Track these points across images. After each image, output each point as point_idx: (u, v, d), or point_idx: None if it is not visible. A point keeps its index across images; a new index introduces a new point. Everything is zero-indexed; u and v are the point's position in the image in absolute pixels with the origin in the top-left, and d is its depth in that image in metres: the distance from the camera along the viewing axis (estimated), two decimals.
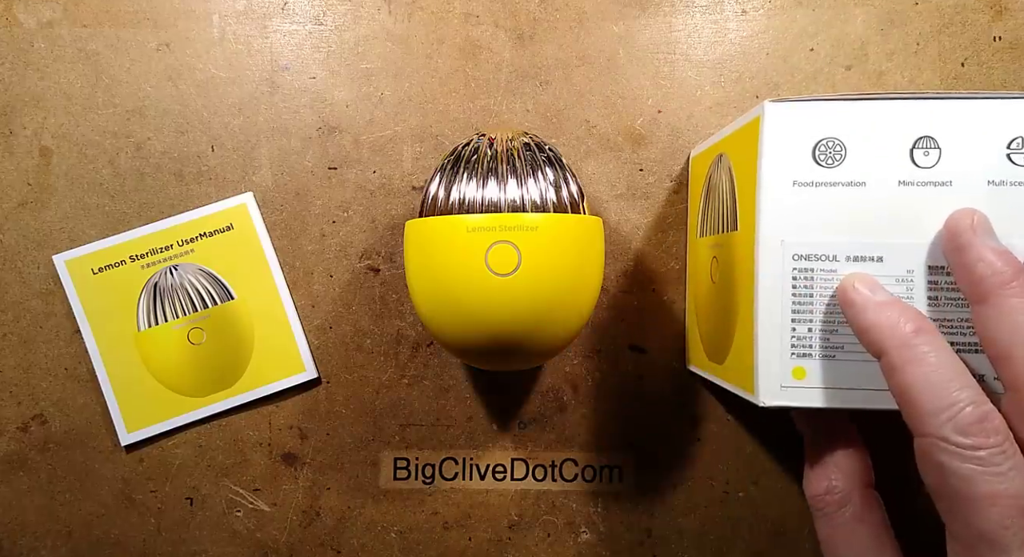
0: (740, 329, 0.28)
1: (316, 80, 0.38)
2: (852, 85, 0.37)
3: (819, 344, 0.26)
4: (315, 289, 0.38)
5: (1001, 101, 0.25)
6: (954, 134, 0.26)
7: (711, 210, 0.33)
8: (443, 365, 0.38)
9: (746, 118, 0.28)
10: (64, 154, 0.38)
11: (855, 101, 0.26)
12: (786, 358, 0.26)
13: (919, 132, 0.26)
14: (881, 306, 0.24)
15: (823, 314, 0.26)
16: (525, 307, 0.29)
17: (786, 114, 0.26)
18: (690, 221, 0.37)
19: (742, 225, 0.28)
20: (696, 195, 0.35)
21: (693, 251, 0.36)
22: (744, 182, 0.28)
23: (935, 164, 0.26)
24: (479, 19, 0.38)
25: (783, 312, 0.26)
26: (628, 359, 0.38)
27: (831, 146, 0.26)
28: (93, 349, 0.37)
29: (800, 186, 0.26)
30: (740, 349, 0.28)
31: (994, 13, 0.37)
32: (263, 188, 0.38)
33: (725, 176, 0.30)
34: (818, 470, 0.29)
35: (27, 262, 0.37)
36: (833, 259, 0.26)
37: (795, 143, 0.26)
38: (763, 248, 0.26)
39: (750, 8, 0.37)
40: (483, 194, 0.30)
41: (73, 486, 0.38)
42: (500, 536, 0.37)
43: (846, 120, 0.26)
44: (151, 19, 0.38)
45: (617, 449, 0.38)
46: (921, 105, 0.26)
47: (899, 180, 0.26)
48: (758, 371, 0.26)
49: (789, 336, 0.26)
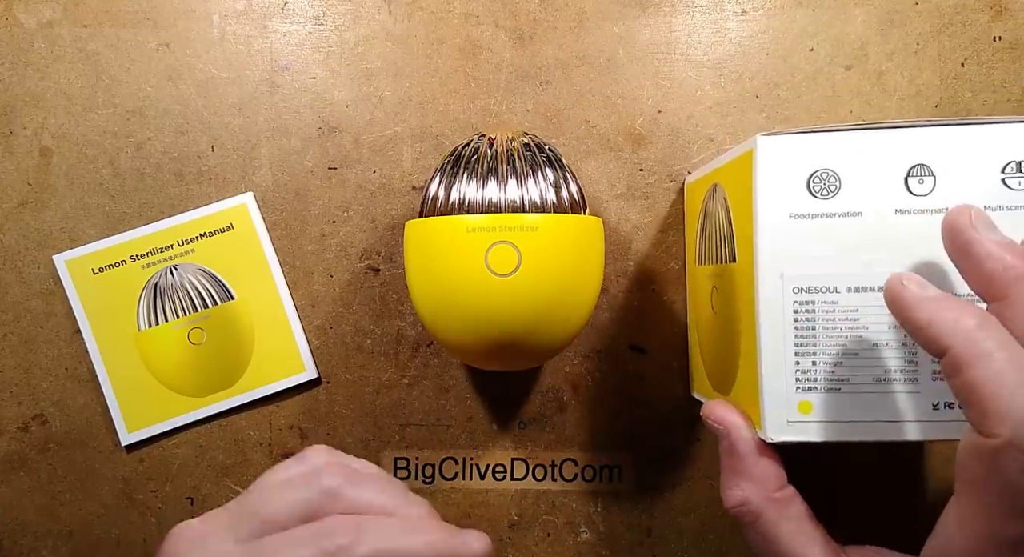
0: (744, 361, 0.28)
1: (316, 80, 0.38)
2: (852, 85, 0.37)
3: (824, 377, 0.26)
4: (315, 289, 0.38)
5: (993, 126, 0.25)
6: (948, 161, 0.25)
7: (708, 240, 0.32)
8: (443, 365, 0.38)
9: (739, 150, 0.28)
10: (64, 154, 0.38)
11: (847, 132, 0.26)
12: (792, 392, 0.26)
13: (913, 160, 0.26)
14: (937, 301, 0.23)
15: (827, 346, 0.26)
16: (525, 307, 0.29)
17: (779, 147, 0.26)
18: (688, 249, 0.37)
19: (740, 257, 0.28)
20: (693, 223, 0.35)
21: (692, 278, 0.36)
22: (740, 214, 0.28)
23: (931, 192, 0.25)
24: (479, 19, 0.38)
25: (786, 346, 0.26)
26: (628, 359, 0.38)
27: (825, 177, 0.26)
28: (93, 349, 0.37)
29: (796, 218, 0.26)
30: (745, 382, 0.28)
31: (994, 13, 0.37)
32: (263, 188, 0.38)
33: (721, 207, 0.30)
34: (730, 480, 0.27)
35: (27, 262, 0.38)
36: (834, 290, 0.26)
37: (789, 176, 0.26)
38: (763, 282, 0.26)
39: (750, 8, 0.37)
40: (483, 194, 0.30)
41: (73, 486, 0.38)
42: (500, 536, 0.38)
43: (839, 151, 0.26)
44: (151, 19, 0.38)
45: (617, 449, 0.38)
46: (913, 133, 0.26)
47: (895, 209, 0.26)
48: (764, 406, 0.26)
49: (793, 370, 0.26)
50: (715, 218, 0.31)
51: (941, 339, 0.22)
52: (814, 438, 0.26)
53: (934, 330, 0.22)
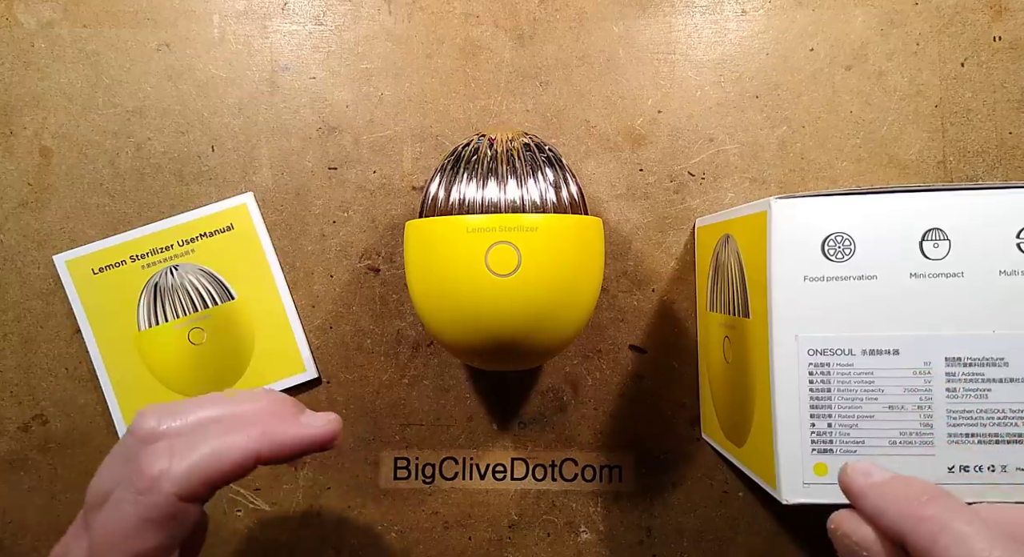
0: (758, 418, 0.28)
1: (316, 80, 0.38)
2: (852, 85, 0.37)
3: (839, 439, 0.26)
4: (315, 289, 0.38)
5: (1008, 192, 0.25)
6: (963, 226, 0.25)
7: (720, 289, 0.33)
8: (443, 365, 0.38)
9: (752, 208, 0.28)
10: (64, 154, 0.38)
11: (861, 196, 0.26)
12: (807, 454, 0.26)
13: (927, 224, 0.26)
14: (882, 486, 0.22)
15: (842, 409, 0.26)
16: (525, 307, 0.29)
17: (793, 210, 0.26)
18: (699, 291, 0.37)
19: (754, 314, 0.28)
20: (704, 269, 0.35)
21: (703, 322, 0.36)
22: (753, 271, 0.28)
23: (945, 256, 0.26)
24: (479, 19, 0.38)
25: (801, 408, 0.26)
26: (628, 359, 0.38)
27: (840, 241, 0.26)
28: (93, 349, 0.37)
29: (811, 281, 0.26)
30: (759, 438, 0.28)
31: (994, 13, 0.37)
32: (263, 188, 0.38)
33: (733, 259, 0.30)
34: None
35: (27, 262, 0.37)
36: (849, 353, 0.26)
37: (804, 239, 0.26)
38: (778, 344, 0.26)
39: (750, 8, 0.37)
40: (483, 194, 0.30)
41: (73, 486, 0.38)
42: (500, 536, 0.38)
43: (853, 215, 0.26)
44: (151, 19, 0.38)
45: (617, 449, 0.38)
46: (928, 198, 0.26)
47: (910, 273, 0.26)
48: (779, 469, 0.26)
49: (809, 432, 0.26)
50: (727, 269, 0.31)
51: (893, 529, 0.21)
52: (830, 500, 0.25)
53: (886, 520, 0.21)
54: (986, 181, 0.37)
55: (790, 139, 0.37)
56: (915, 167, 0.37)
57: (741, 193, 0.37)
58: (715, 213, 0.34)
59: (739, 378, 0.30)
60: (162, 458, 0.21)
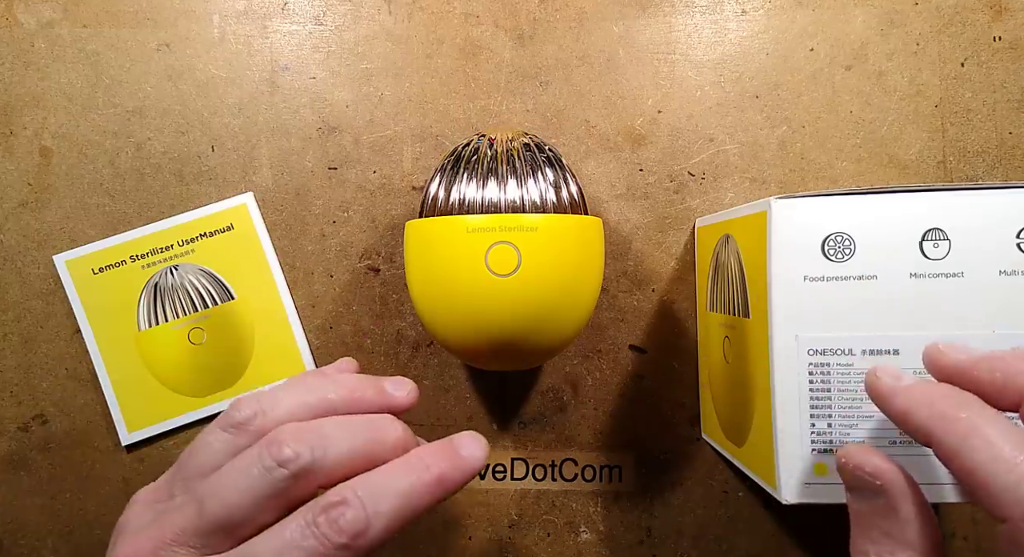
0: (758, 418, 0.28)
1: (316, 80, 0.38)
2: (852, 85, 0.37)
3: (840, 439, 0.26)
4: (315, 289, 0.38)
5: (1008, 192, 0.25)
6: (963, 226, 0.25)
7: (720, 289, 0.33)
8: (443, 365, 0.38)
9: (752, 208, 0.28)
10: (64, 154, 0.38)
11: (861, 196, 0.26)
12: (807, 455, 0.26)
13: (927, 224, 0.26)
14: (912, 389, 0.22)
15: (842, 408, 0.26)
16: (525, 307, 0.29)
17: (793, 211, 0.26)
18: (699, 291, 0.37)
19: (754, 314, 0.28)
20: (704, 268, 0.35)
21: (703, 322, 0.36)
22: (753, 271, 0.28)
23: (945, 256, 0.26)
24: (479, 19, 0.38)
25: (801, 408, 0.26)
26: (628, 359, 0.38)
27: (840, 241, 0.26)
28: (93, 349, 0.37)
29: (811, 281, 0.26)
30: (758, 438, 0.28)
31: (994, 13, 0.37)
32: (263, 188, 0.38)
33: (733, 259, 0.30)
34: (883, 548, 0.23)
35: (27, 262, 0.37)
36: (849, 353, 0.26)
37: (804, 239, 0.26)
38: (778, 344, 0.26)
39: (750, 8, 0.37)
40: (483, 194, 0.30)
41: (74, 486, 0.38)
42: (500, 536, 0.38)
43: (853, 215, 0.26)
44: (151, 19, 0.38)
45: (617, 449, 0.38)
46: (928, 198, 0.26)
47: (910, 273, 0.26)
48: (779, 469, 0.26)
49: (809, 432, 0.26)
50: (727, 269, 0.31)
51: (922, 426, 0.21)
52: (831, 500, 0.26)
53: (913, 420, 0.22)
54: (986, 181, 0.37)
55: (790, 139, 0.37)
56: (915, 167, 0.37)
57: (741, 193, 0.37)
58: (715, 213, 0.34)
59: (739, 378, 0.30)
60: (359, 522, 0.22)
